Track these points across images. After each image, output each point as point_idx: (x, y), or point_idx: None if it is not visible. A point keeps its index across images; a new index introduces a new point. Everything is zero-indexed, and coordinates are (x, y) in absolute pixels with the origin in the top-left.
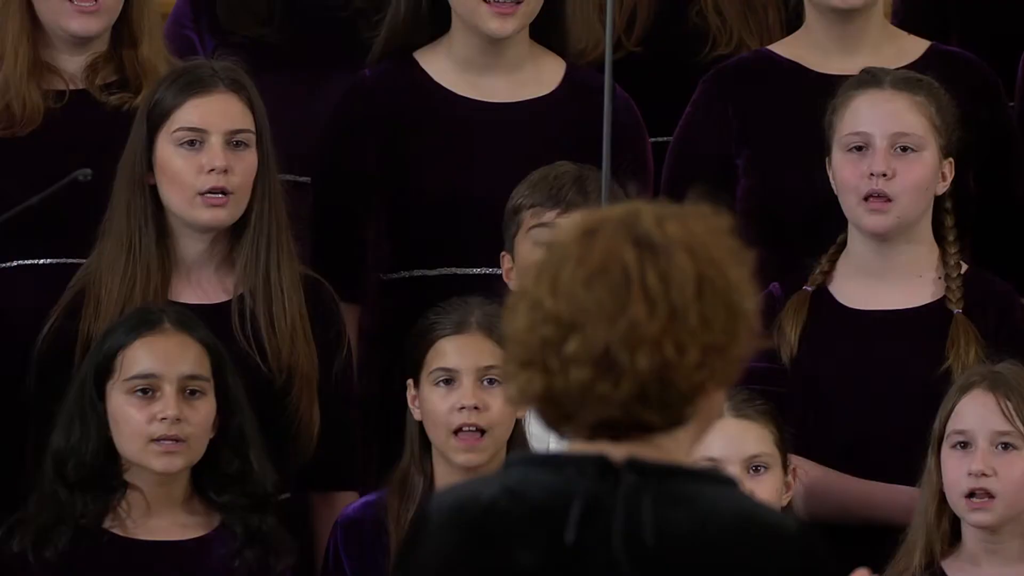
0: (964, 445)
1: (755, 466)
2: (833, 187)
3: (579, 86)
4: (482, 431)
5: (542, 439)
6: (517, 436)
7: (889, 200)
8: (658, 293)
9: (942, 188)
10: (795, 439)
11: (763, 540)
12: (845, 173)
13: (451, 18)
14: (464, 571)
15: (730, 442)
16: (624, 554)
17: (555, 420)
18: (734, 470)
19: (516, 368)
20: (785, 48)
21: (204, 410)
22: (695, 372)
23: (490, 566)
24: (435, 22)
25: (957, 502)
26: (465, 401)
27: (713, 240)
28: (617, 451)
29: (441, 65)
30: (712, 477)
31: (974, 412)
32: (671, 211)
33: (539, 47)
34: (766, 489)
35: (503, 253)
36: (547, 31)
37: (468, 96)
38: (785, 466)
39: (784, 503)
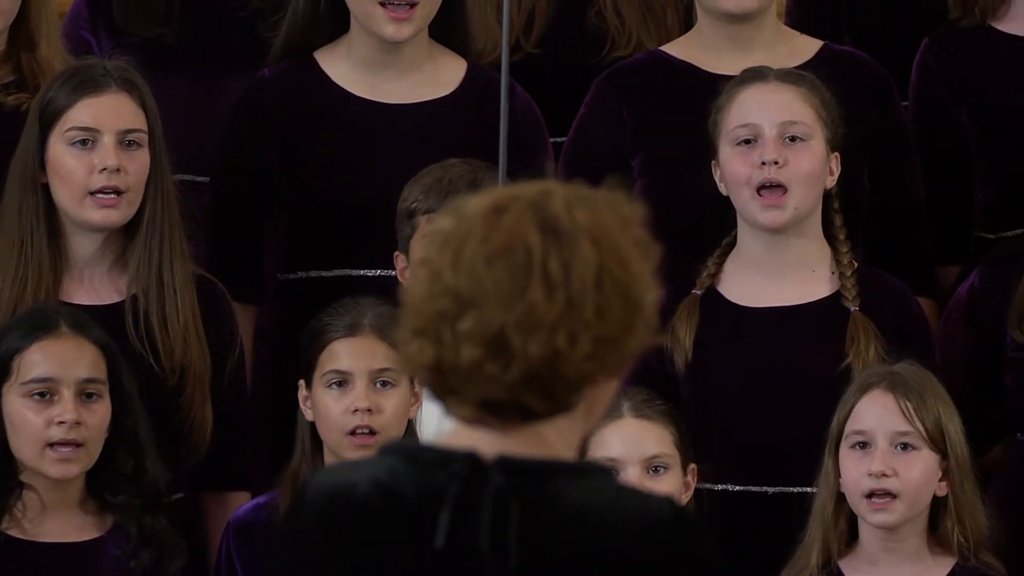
0: (863, 445)
1: (655, 466)
2: (721, 188)
3: (479, 86)
4: (375, 433)
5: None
6: (409, 436)
7: (784, 191)
8: (558, 280)
9: (830, 183)
10: (695, 444)
11: (634, 533)
12: (735, 167)
13: (350, 19)
14: (335, 571)
15: (630, 442)
16: (491, 560)
17: (441, 392)
18: (634, 471)
19: (409, 335)
20: (679, 49)
21: (101, 413)
22: (585, 363)
23: (361, 567)
24: (334, 22)
25: (857, 502)
26: (358, 404)
27: (620, 230)
28: (491, 443)
29: (340, 66)
30: (585, 471)
31: (874, 413)
32: (583, 196)
33: (439, 47)
34: (665, 489)
35: (397, 253)
36: (447, 32)
37: (366, 97)
38: (685, 466)
39: (683, 503)
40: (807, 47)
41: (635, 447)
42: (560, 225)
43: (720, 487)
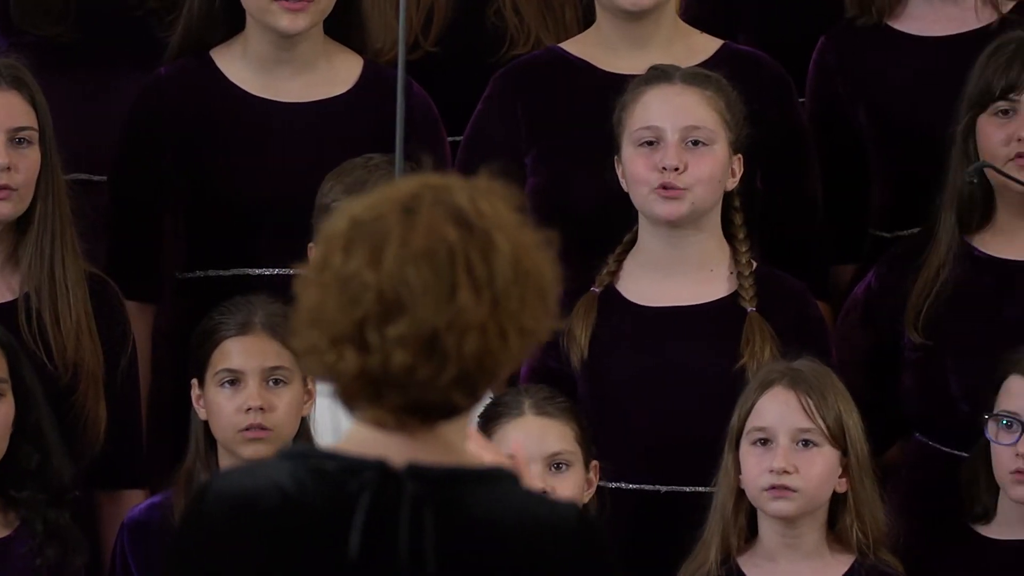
0: (765, 442)
1: (556, 463)
2: (623, 184)
3: (376, 84)
4: (268, 428)
5: (328, 436)
6: (303, 434)
7: (683, 189)
8: (483, 277)
9: (732, 184)
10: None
11: (543, 538)
12: (636, 167)
13: (246, 16)
14: None
15: (531, 440)
16: (408, 569)
17: (360, 399)
18: (536, 468)
19: (325, 344)
20: (576, 46)
21: (4, 411)
22: (514, 357)
23: None
24: (230, 20)
25: (757, 496)
26: (251, 402)
27: (519, 221)
28: (397, 448)
29: (236, 64)
30: (491, 476)
31: (775, 409)
32: (476, 188)
33: (335, 45)
34: (568, 487)
35: (311, 245)
36: (344, 30)
37: (262, 96)
38: (587, 463)
39: (585, 500)
40: (706, 46)
41: (537, 444)
42: (472, 220)
43: (614, 485)
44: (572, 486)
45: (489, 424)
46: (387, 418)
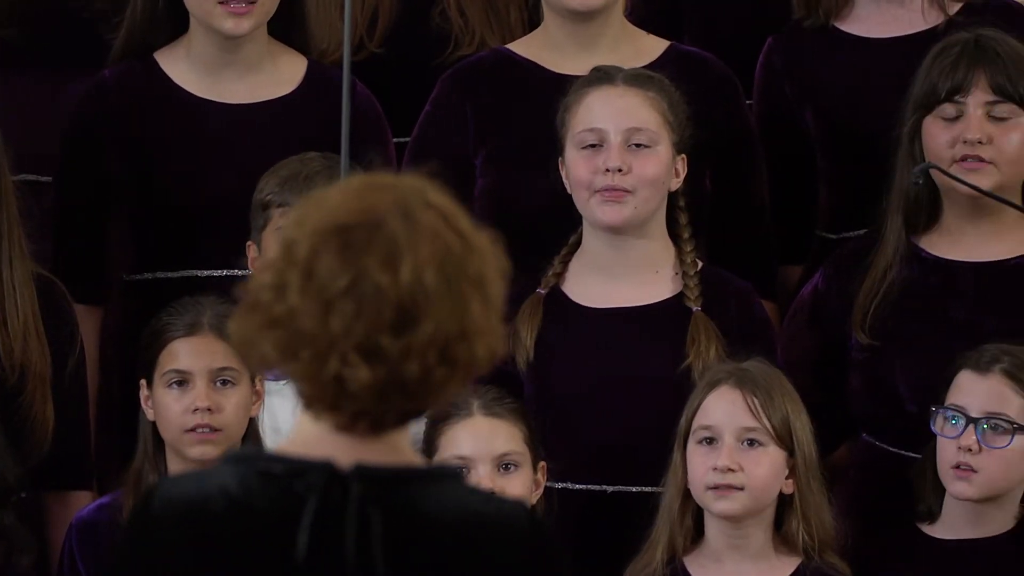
0: (710, 441)
1: (505, 464)
2: (567, 186)
3: (320, 85)
4: (217, 429)
5: (276, 437)
6: (251, 434)
7: (627, 191)
8: (480, 283)
9: (675, 184)
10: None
11: (492, 538)
12: (579, 170)
13: (189, 18)
14: None
15: (480, 441)
16: (356, 571)
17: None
18: (484, 469)
19: (312, 352)
20: (523, 47)
21: None
22: (500, 353)
23: None
24: (173, 22)
25: (702, 495)
26: (198, 403)
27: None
28: (345, 449)
29: (179, 66)
30: (437, 476)
31: (721, 408)
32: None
33: (279, 46)
34: (516, 487)
35: (249, 243)
36: (288, 31)
37: (206, 97)
38: (535, 464)
39: (533, 501)
40: (653, 47)
41: (485, 445)
42: (464, 229)
43: (561, 485)
44: (520, 487)
45: (437, 425)
46: (349, 423)
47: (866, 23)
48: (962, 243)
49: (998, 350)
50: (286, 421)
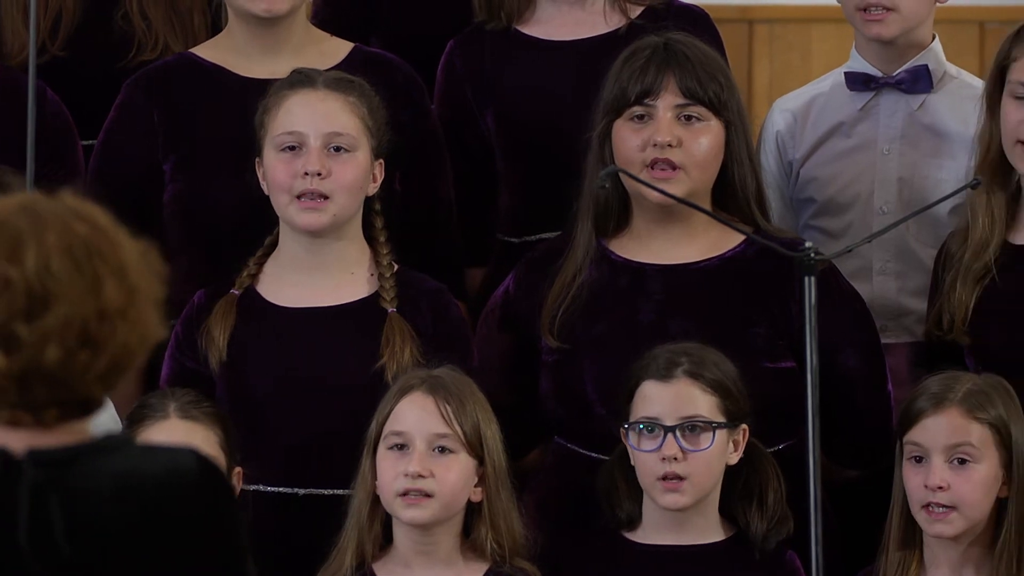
0: (402, 447)
1: None
2: (264, 187)
3: (8, 89)
4: None
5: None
6: None
7: (324, 197)
8: (118, 267)
9: (373, 189)
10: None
11: (163, 496)
12: (277, 174)
13: None
14: None
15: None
16: (34, 556)
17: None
18: None
19: None
20: (209, 51)
21: None
22: (151, 341)
23: None
24: None
25: (391, 502)
26: None
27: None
28: (18, 437)
29: None
30: (107, 446)
31: (412, 414)
32: (69, 201)
33: None
34: None
35: None
36: None
37: None
38: (230, 470)
39: None
40: (337, 50)
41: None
42: (91, 216)
43: (254, 488)
44: None
45: (134, 426)
46: (11, 418)
47: (547, 26)
48: (651, 245)
49: (672, 353)
50: None
